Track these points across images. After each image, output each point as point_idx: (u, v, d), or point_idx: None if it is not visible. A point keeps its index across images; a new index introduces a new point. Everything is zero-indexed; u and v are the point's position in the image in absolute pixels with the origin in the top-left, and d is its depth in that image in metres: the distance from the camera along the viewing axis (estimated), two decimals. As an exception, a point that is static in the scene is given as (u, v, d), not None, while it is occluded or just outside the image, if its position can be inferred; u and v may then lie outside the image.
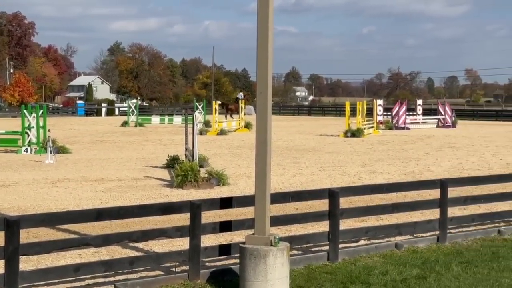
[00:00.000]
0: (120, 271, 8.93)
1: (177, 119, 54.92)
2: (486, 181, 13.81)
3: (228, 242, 10.22)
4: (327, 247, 10.23)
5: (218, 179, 17.34)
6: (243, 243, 8.32)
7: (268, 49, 8.10)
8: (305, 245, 10.47)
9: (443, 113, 50.87)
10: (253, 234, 8.30)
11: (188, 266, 9.02)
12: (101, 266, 8.62)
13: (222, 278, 8.96)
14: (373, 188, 12.27)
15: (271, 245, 8.09)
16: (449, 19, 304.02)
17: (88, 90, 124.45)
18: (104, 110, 77.33)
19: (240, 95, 59.96)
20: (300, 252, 10.36)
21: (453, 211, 12.40)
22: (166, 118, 57.13)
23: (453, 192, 12.83)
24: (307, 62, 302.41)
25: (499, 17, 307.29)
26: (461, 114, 66.52)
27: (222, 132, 40.20)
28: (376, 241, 11.13)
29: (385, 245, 10.92)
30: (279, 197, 10.41)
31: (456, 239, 11.55)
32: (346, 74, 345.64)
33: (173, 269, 9.27)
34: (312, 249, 10.50)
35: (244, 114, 46.08)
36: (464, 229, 12.09)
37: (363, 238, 11.14)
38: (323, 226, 10.98)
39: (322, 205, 11.12)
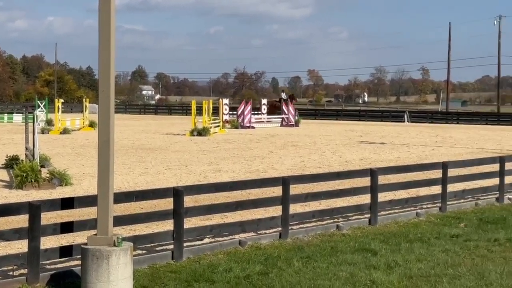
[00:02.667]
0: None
1: (18, 117, 52.88)
2: (326, 178, 14.29)
3: (70, 243, 9.95)
4: (171, 246, 10.21)
5: (60, 179, 16.85)
6: (85, 244, 8.13)
7: (110, 46, 7.96)
8: (149, 245, 10.40)
9: (286, 112, 52.21)
10: (96, 234, 8.14)
11: (26, 270, 8.70)
12: None
13: (63, 281, 8.73)
14: (217, 186, 12.38)
15: (114, 246, 7.96)
16: (293, 21, 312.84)
17: None
18: None
19: (283, 94, 57.94)
20: (144, 251, 10.27)
21: (295, 208, 12.74)
22: (6, 116, 54.85)
23: (295, 189, 13.20)
24: (154, 60, 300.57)
25: (340, 21, 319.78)
26: (304, 114, 68.61)
27: (65, 131, 39.18)
28: (221, 238, 11.24)
29: (229, 242, 11.05)
30: (123, 197, 10.28)
31: (297, 235, 11.88)
32: (193, 73, 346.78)
33: (11, 273, 8.91)
34: (157, 249, 10.44)
35: (88, 113, 45.07)
36: (305, 225, 12.45)
37: (207, 236, 11.21)
38: (168, 225, 10.94)
39: (168, 204, 11.08)
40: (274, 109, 54.62)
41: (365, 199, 13.53)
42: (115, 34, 8.06)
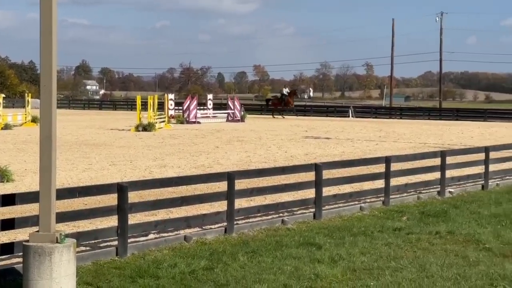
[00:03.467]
0: None
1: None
2: (271, 173, 14.35)
3: (11, 240, 9.79)
4: (116, 242, 10.14)
5: (1, 175, 16.55)
6: (27, 241, 8.00)
7: (52, 40, 7.83)
8: (93, 241, 10.30)
9: (232, 107, 52.21)
10: (38, 231, 8.01)
11: (-33, 268, 8.53)
12: None
13: (5, 279, 8.59)
14: (162, 181, 12.32)
15: (57, 242, 7.85)
16: (239, 16, 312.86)
17: None
18: None
19: (285, 90, 57.64)
20: (88, 248, 10.17)
21: (240, 203, 12.78)
22: None
23: (241, 184, 13.25)
24: (99, 55, 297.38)
25: (286, 16, 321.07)
26: (250, 109, 68.59)
27: (7, 127, 38.44)
28: (166, 234, 11.21)
29: (175, 238, 11.03)
30: (66, 193, 10.14)
31: (243, 229, 11.92)
32: (139, 68, 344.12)
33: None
34: (101, 245, 10.35)
35: (31, 108, 44.30)
36: (250, 220, 12.50)
37: (152, 231, 11.17)
38: (113, 221, 10.85)
39: (112, 200, 11.00)
40: (276, 105, 55.14)
41: (310, 193, 13.64)
42: (57, 28, 7.93)
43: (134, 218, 11.30)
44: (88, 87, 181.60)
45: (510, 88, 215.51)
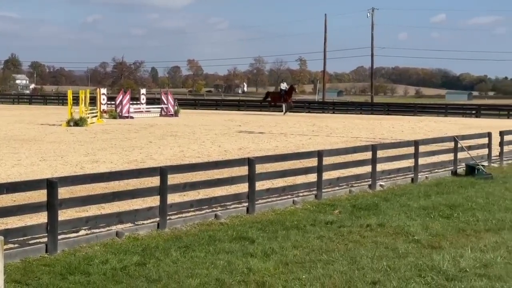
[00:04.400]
0: None
1: None
2: (204, 168, 14.33)
3: None
4: (46, 239, 9.97)
5: None
6: (-48, 239, 7.78)
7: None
8: (22, 238, 10.10)
9: (166, 102, 51.88)
10: (-37, 229, 7.81)
11: None
12: None
13: None
14: (93, 177, 12.13)
15: (-16, 240, 7.66)
16: (173, 10, 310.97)
17: None
18: None
19: (284, 85, 55.32)
20: (16, 245, 9.96)
21: (173, 198, 12.72)
22: None
23: (174, 179, 13.18)
24: (29, 49, 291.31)
25: (220, 11, 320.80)
26: (184, 104, 68.24)
27: None
28: (97, 230, 11.06)
29: (106, 234, 10.90)
30: (-7, 189, 9.91)
31: (176, 225, 11.86)
32: (70, 62, 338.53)
33: None
34: (30, 242, 10.15)
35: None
36: (183, 215, 12.45)
37: (83, 228, 11.00)
38: (42, 218, 10.65)
39: (42, 196, 10.79)
40: (276, 100, 54.40)
41: (243, 188, 13.66)
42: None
43: (64, 214, 11.13)
44: (17, 81, 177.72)
45: (440, 83, 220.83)
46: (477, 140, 22.20)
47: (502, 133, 22.04)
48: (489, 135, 21.53)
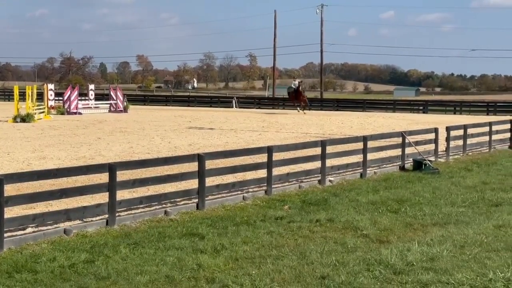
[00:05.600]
0: None
1: None
2: (154, 164, 14.21)
3: None
4: (-9, 237, 9.79)
5: None
6: None
7: None
8: (-33, 237, 9.90)
9: (115, 98, 51.36)
10: None
11: None
12: None
13: None
14: (40, 173, 11.96)
15: None
16: (123, 5, 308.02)
17: None
18: None
19: (294, 83, 49.81)
20: (-39, 244, 9.76)
21: (123, 194, 12.63)
22: None
23: (123, 175, 13.07)
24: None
25: (170, 6, 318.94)
26: (133, 99, 67.73)
27: None
28: (44, 227, 10.91)
29: (54, 231, 10.77)
30: None
31: (125, 221, 11.78)
32: (16, 57, 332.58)
33: None
34: (-25, 240, 9.96)
35: None
36: (133, 212, 12.36)
37: (30, 225, 10.85)
38: (-12, 216, 10.45)
39: (-13, 193, 10.58)
40: (292, 99, 49.77)
41: (193, 184, 13.63)
42: None
43: (11, 212, 10.95)
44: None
45: (388, 79, 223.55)
46: (424, 135, 22.55)
47: (448, 129, 22.44)
48: (435, 130, 21.88)
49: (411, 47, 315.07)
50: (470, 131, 24.10)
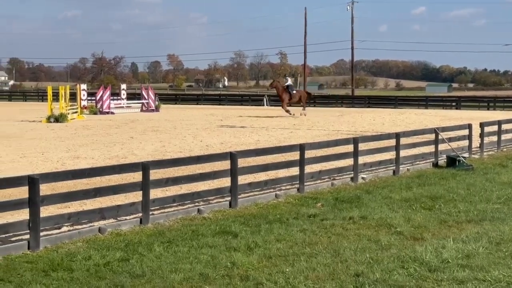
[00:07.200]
0: None
1: None
2: (186, 163, 14.26)
3: None
4: (28, 236, 9.91)
5: None
6: None
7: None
8: (3, 235, 10.02)
9: (146, 97, 51.69)
10: None
11: None
12: None
13: None
14: (74, 173, 12.06)
15: (-35, 238, 7.62)
16: (153, 5, 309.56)
17: None
18: None
19: (288, 79, 45.46)
20: (-2, 243, 9.90)
21: (156, 193, 12.69)
22: None
23: (156, 174, 13.14)
24: (7, 45, 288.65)
25: (200, 6, 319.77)
26: (164, 99, 68.11)
27: None
28: (79, 226, 11.01)
29: (89, 230, 10.85)
30: (-28, 187, 9.82)
31: (158, 220, 11.83)
32: (49, 58, 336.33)
33: None
34: (12, 239, 10.08)
35: None
36: (166, 210, 12.42)
37: (66, 224, 10.95)
38: (24, 214, 10.58)
39: (23, 192, 10.72)
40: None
41: (226, 182, 13.65)
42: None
43: (46, 211, 11.06)
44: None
45: (420, 75, 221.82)
46: (458, 131, 22.34)
47: (482, 125, 22.20)
48: (469, 126, 21.66)
49: (443, 43, 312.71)
50: (504, 127, 23.81)
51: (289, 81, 44.95)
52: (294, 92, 43.68)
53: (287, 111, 41.96)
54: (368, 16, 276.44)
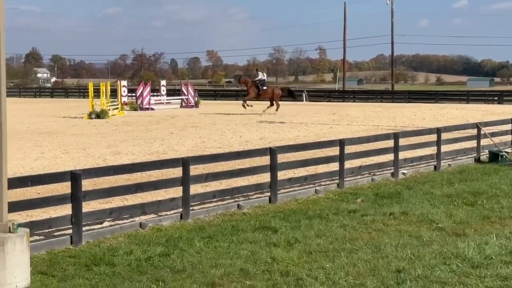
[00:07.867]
0: None
1: None
2: (226, 158, 14.31)
3: (-38, 232, 9.59)
4: (70, 231, 10.04)
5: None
6: (-21, 232, 7.86)
7: (-1, 27, 7.69)
8: (47, 230, 10.17)
9: (186, 93, 51.95)
10: (-11, 221, 7.88)
11: None
12: None
13: (-44, 271, 8.41)
14: (116, 169, 12.16)
15: (10, 232, 7.75)
16: (192, 2, 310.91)
17: None
18: None
19: (260, 74, 42.69)
20: (42, 237, 10.04)
21: (196, 189, 12.74)
22: None
23: (196, 170, 13.19)
24: (49, 43, 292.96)
25: (239, 1, 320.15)
26: (204, 95, 68.43)
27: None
28: (121, 221, 11.12)
29: (130, 225, 10.95)
30: (17, 182, 9.98)
31: (198, 215, 11.89)
32: (90, 55, 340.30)
33: None
34: (55, 234, 10.22)
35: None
36: (206, 205, 12.47)
37: (107, 219, 11.07)
38: (66, 209, 10.72)
39: (66, 188, 10.86)
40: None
41: (265, 177, 13.65)
42: (4, 15, 7.79)
43: (88, 206, 11.19)
44: (39, 75, 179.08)
45: (460, 70, 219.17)
46: (500, 126, 22.03)
47: (525, 119, 21.84)
48: (512, 121, 21.33)
49: (485, 37, 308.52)
50: (548, 121, 23.38)
51: (261, 76, 42.42)
52: (265, 88, 42.21)
53: (244, 106, 40.96)
54: (408, 10, 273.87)
